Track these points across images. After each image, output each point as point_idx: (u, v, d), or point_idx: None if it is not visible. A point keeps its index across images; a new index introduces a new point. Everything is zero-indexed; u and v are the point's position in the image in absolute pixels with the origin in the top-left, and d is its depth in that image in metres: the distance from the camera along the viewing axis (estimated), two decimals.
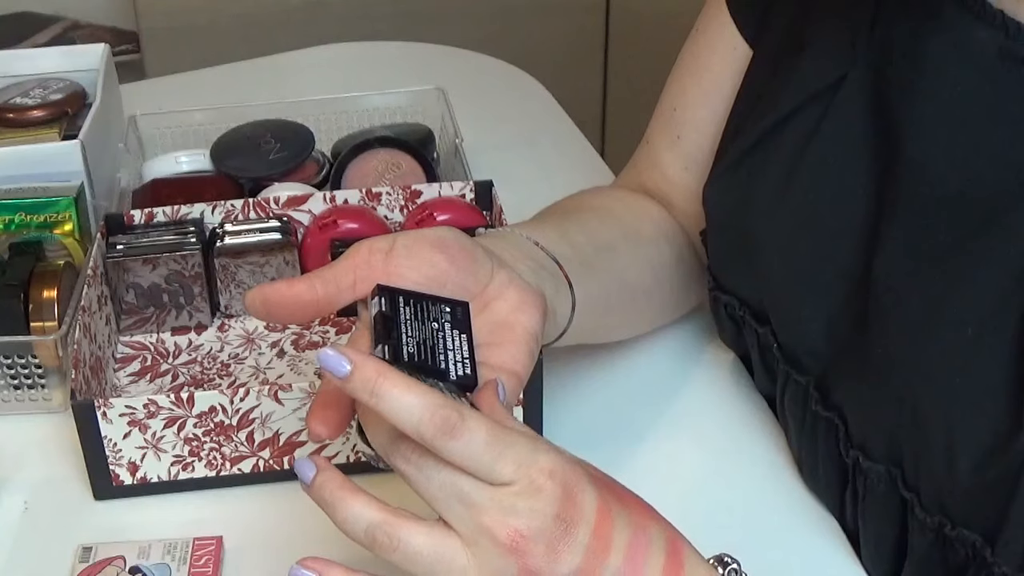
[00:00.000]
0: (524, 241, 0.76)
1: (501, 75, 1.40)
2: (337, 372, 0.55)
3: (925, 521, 0.69)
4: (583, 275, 0.77)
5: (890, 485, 0.71)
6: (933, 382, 0.67)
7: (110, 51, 1.15)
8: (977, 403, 0.65)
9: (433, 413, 0.54)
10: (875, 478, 0.72)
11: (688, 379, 0.92)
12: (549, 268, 0.74)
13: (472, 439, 0.54)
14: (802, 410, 0.78)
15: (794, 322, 0.78)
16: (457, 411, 0.54)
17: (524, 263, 0.72)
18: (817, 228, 0.76)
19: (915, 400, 0.68)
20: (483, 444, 0.55)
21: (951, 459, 0.66)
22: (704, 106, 0.87)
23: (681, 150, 0.90)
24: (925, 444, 0.67)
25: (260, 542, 0.78)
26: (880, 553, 0.74)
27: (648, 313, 0.91)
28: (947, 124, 0.69)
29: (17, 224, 0.98)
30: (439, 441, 0.54)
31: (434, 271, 0.65)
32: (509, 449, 0.55)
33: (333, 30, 1.65)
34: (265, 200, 0.99)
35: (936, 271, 0.68)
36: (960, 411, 0.66)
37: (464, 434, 0.54)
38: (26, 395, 0.89)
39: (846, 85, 0.75)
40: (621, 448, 0.85)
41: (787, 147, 0.77)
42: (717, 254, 0.85)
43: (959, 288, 0.66)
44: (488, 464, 0.55)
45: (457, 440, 0.54)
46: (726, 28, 0.86)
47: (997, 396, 0.64)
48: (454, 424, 0.54)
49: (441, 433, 0.54)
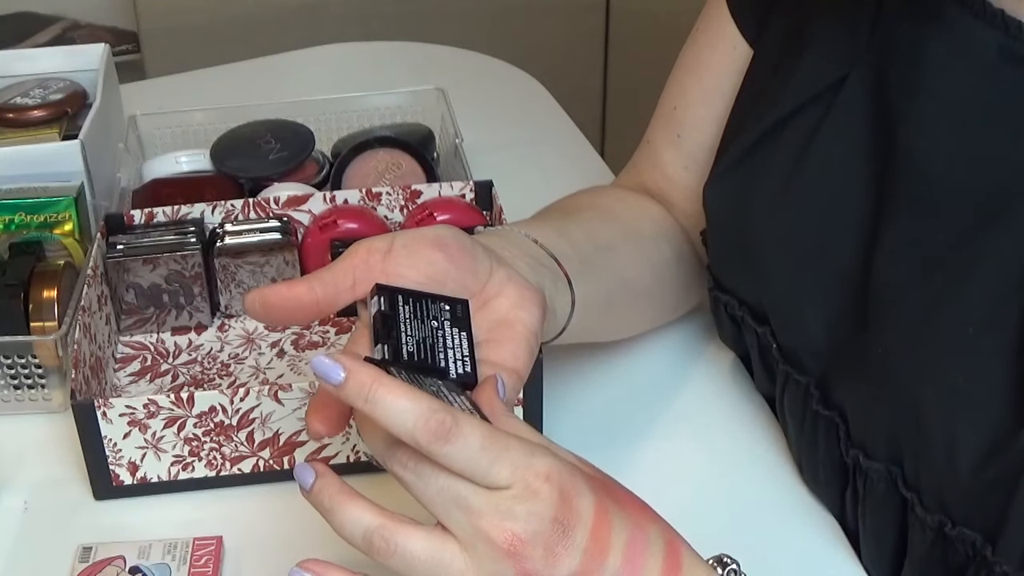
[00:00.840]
0: (523, 239, 0.76)
1: (501, 75, 1.40)
2: (331, 379, 0.55)
3: (925, 520, 0.69)
4: (582, 273, 0.77)
5: (890, 484, 0.71)
6: (933, 381, 0.67)
7: (110, 51, 1.15)
8: (978, 402, 0.65)
9: (427, 419, 0.54)
10: (875, 477, 0.72)
11: (688, 379, 0.92)
12: (548, 266, 0.74)
13: (467, 444, 0.54)
14: (802, 410, 0.78)
15: (794, 322, 0.78)
16: (451, 416, 0.54)
17: (523, 260, 0.72)
18: (817, 228, 0.76)
19: (915, 399, 0.68)
20: (478, 448, 0.55)
21: (951, 458, 0.66)
22: (705, 105, 0.87)
23: (681, 149, 0.90)
24: (925, 443, 0.67)
25: (260, 542, 0.78)
26: (880, 552, 0.74)
27: (648, 312, 0.91)
28: (947, 123, 0.69)
29: (17, 224, 0.98)
30: (434, 446, 0.54)
31: (433, 269, 0.65)
32: (505, 453, 0.55)
33: (333, 30, 1.65)
34: (265, 200, 0.99)
35: (936, 270, 0.68)
36: (961, 410, 0.66)
37: (458, 439, 0.54)
38: (26, 395, 0.89)
39: (847, 85, 0.75)
40: (621, 448, 0.85)
41: (787, 147, 0.77)
42: (717, 254, 0.85)
43: (959, 287, 0.67)
44: (484, 468, 0.55)
45: (452, 445, 0.54)
46: (727, 28, 0.86)
47: (997, 395, 0.64)
48: (448, 429, 0.54)
49: (435, 438, 0.54)
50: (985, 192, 0.67)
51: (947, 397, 0.66)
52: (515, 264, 0.70)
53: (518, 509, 0.55)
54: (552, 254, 0.76)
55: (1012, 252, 0.65)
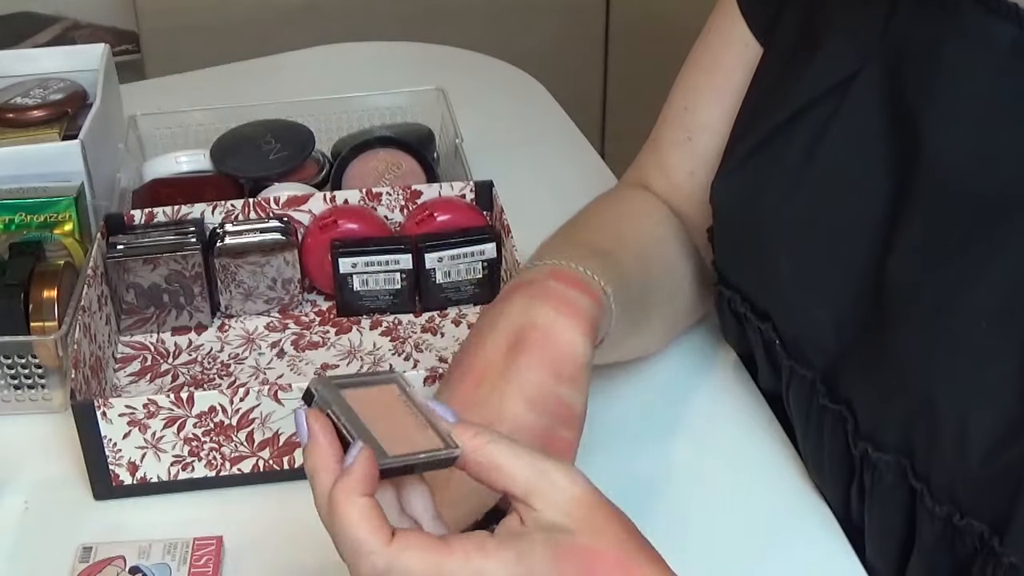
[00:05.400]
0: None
1: (501, 75, 1.40)
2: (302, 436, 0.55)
3: (934, 511, 0.69)
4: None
5: (899, 475, 0.71)
6: (946, 373, 0.68)
7: (110, 51, 1.15)
8: (989, 394, 0.66)
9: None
10: (884, 469, 0.72)
11: (691, 379, 0.92)
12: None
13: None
14: (808, 404, 0.78)
15: (803, 317, 0.78)
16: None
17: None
18: (829, 224, 0.76)
19: (928, 391, 0.68)
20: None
21: (962, 448, 0.66)
22: (717, 104, 0.87)
23: (690, 151, 0.90)
24: (936, 434, 0.68)
25: (260, 542, 0.78)
26: (887, 546, 0.74)
27: (668, 338, 0.93)
28: (962, 118, 0.69)
29: (17, 224, 0.98)
30: None
31: None
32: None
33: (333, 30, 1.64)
34: (265, 200, 0.99)
35: (951, 265, 0.68)
36: (972, 402, 0.66)
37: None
38: (26, 395, 0.89)
39: (859, 81, 0.75)
40: (623, 448, 0.84)
41: (799, 143, 0.77)
42: (723, 249, 0.85)
43: (973, 281, 0.67)
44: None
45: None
46: (738, 26, 0.86)
47: (1009, 387, 0.65)
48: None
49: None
50: (1000, 186, 0.67)
51: (960, 388, 0.67)
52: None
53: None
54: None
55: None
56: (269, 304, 0.98)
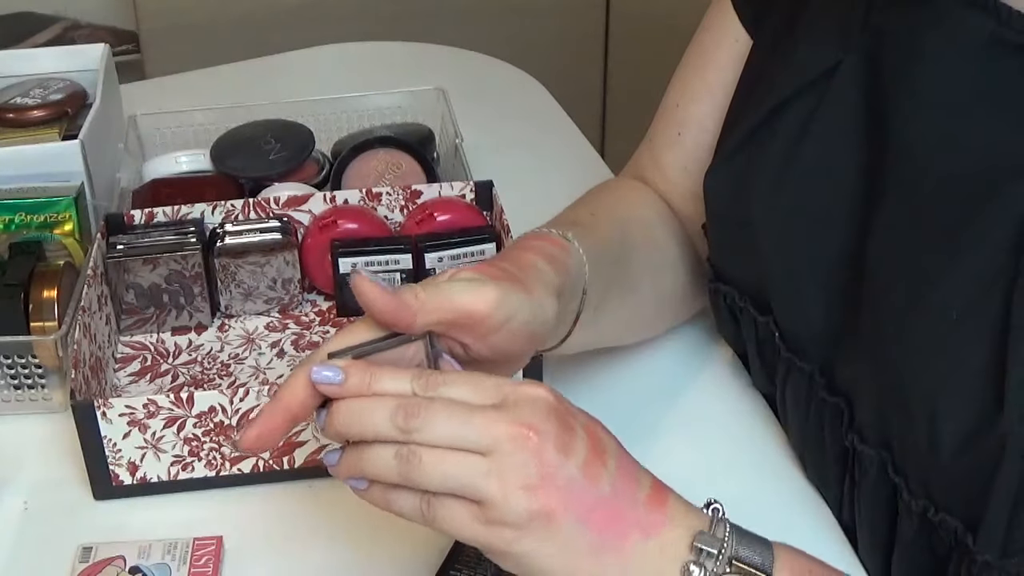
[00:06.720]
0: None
1: (501, 75, 1.40)
2: (334, 380, 0.60)
3: (911, 505, 0.69)
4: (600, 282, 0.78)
5: (881, 469, 0.71)
6: (917, 364, 0.68)
7: (110, 51, 1.15)
8: (959, 386, 0.66)
9: (419, 375, 0.61)
10: (867, 463, 0.72)
11: (688, 378, 0.92)
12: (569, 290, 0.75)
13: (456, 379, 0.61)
14: (806, 399, 0.78)
15: (795, 308, 0.78)
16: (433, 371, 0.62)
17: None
18: (814, 213, 0.76)
19: (901, 382, 0.69)
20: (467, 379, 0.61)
21: (934, 441, 0.66)
22: (707, 101, 0.88)
23: (681, 148, 0.90)
24: (910, 426, 0.68)
25: (260, 542, 0.78)
26: (874, 542, 0.75)
27: (662, 321, 0.93)
28: (938, 110, 0.70)
29: (17, 224, 0.98)
30: (430, 391, 0.60)
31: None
32: (490, 378, 0.61)
33: (333, 30, 1.64)
34: (265, 200, 0.99)
35: (923, 255, 0.69)
36: (942, 393, 0.66)
37: (448, 381, 0.60)
38: (26, 395, 0.89)
39: (840, 72, 0.75)
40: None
41: (783, 134, 0.78)
42: (717, 243, 0.85)
43: (945, 273, 0.67)
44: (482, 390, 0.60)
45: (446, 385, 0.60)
46: (730, 21, 0.86)
47: (978, 379, 0.65)
48: (438, 378, 0.60)
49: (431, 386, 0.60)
50: (973, 178, 0.67)
51: (930, 380, 0.67)
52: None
53: (522, 408, 0.59)
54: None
55: (997, 238, 0.65)
56: (269, 304, 0.98)
